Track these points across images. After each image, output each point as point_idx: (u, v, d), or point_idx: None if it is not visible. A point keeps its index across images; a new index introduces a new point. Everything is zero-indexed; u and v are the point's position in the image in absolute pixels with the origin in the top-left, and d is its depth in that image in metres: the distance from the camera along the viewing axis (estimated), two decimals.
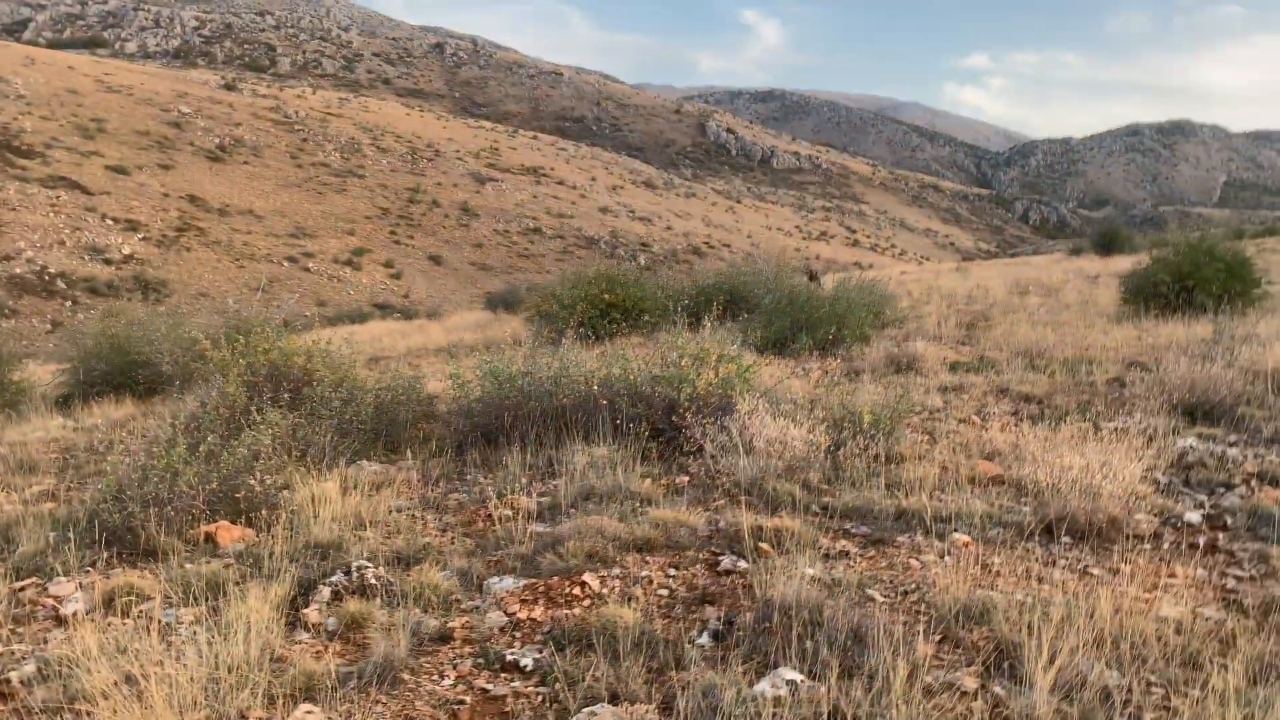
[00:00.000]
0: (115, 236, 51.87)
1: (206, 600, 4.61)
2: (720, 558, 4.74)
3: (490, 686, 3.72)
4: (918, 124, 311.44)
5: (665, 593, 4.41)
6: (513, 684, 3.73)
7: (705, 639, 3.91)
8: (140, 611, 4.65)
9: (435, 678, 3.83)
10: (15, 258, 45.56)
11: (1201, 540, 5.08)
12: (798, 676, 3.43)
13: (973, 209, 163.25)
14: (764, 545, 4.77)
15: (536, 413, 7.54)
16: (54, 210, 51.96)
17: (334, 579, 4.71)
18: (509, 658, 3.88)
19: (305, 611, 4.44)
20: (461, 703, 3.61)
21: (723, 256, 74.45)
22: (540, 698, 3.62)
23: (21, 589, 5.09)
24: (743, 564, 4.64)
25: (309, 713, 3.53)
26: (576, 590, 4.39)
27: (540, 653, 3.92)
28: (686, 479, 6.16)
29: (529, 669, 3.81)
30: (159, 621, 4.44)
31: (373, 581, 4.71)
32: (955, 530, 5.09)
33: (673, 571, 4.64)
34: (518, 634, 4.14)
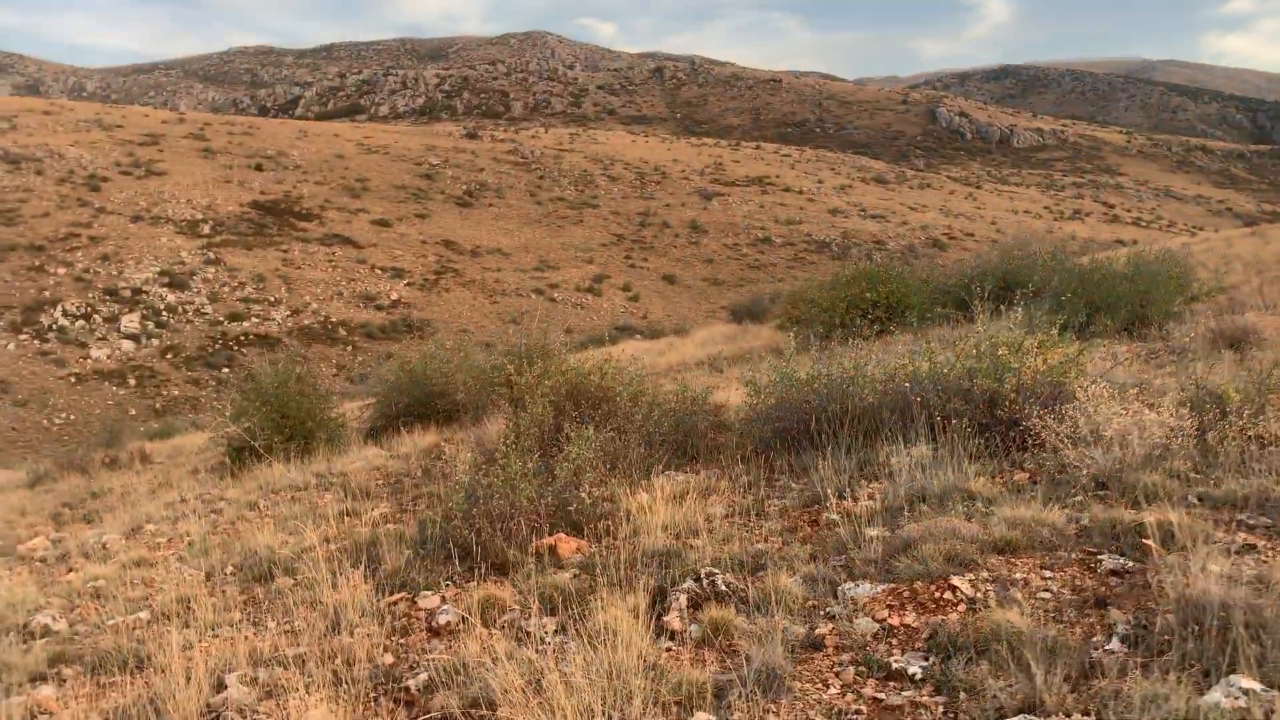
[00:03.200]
0: (384, 284, 56.63)
1: (569, 609, 4.75)
2: (1099, 556, 4.32)
3: (882, 695, 3.55)
4: (1176, 82, 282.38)
5: (1048, 595, 4.07)
6: (905, 693, 3.54)
7: (1115, 644, 3.54)
8: (507, 621, 4.87)
9: (819, 686, 3.71)
10: (303, 310, 50.76)
11: None
12: (1256, 685, 3.01)
13: (1251, 168, 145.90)
14: (1148, 541, 4.30)
15: (837, 415, 7.33)
16: (331, 265, 57.55)
17: (686, 586, 4.73)
18: (895, 666, 3.69)
19: (666, 619, 4.47)
20: (858, 713, 3.46)
21: (966, 246, 70.83)
22: (940, 708, 3.41)
23: (395, 603, 5.48)
24: (1129, 563, 4.21)
25: None
26: (947, 595, 4.14)
27: (926, 660, 3.70)
28: (1025, 475, 5.73)
29: (918, 677, 3.61)
30: (529, 632, 4.63)
31: (723, 588, 4.68)
32: None
33: (1048, 573, 4.27)
34: (893, 641, 3.94)
